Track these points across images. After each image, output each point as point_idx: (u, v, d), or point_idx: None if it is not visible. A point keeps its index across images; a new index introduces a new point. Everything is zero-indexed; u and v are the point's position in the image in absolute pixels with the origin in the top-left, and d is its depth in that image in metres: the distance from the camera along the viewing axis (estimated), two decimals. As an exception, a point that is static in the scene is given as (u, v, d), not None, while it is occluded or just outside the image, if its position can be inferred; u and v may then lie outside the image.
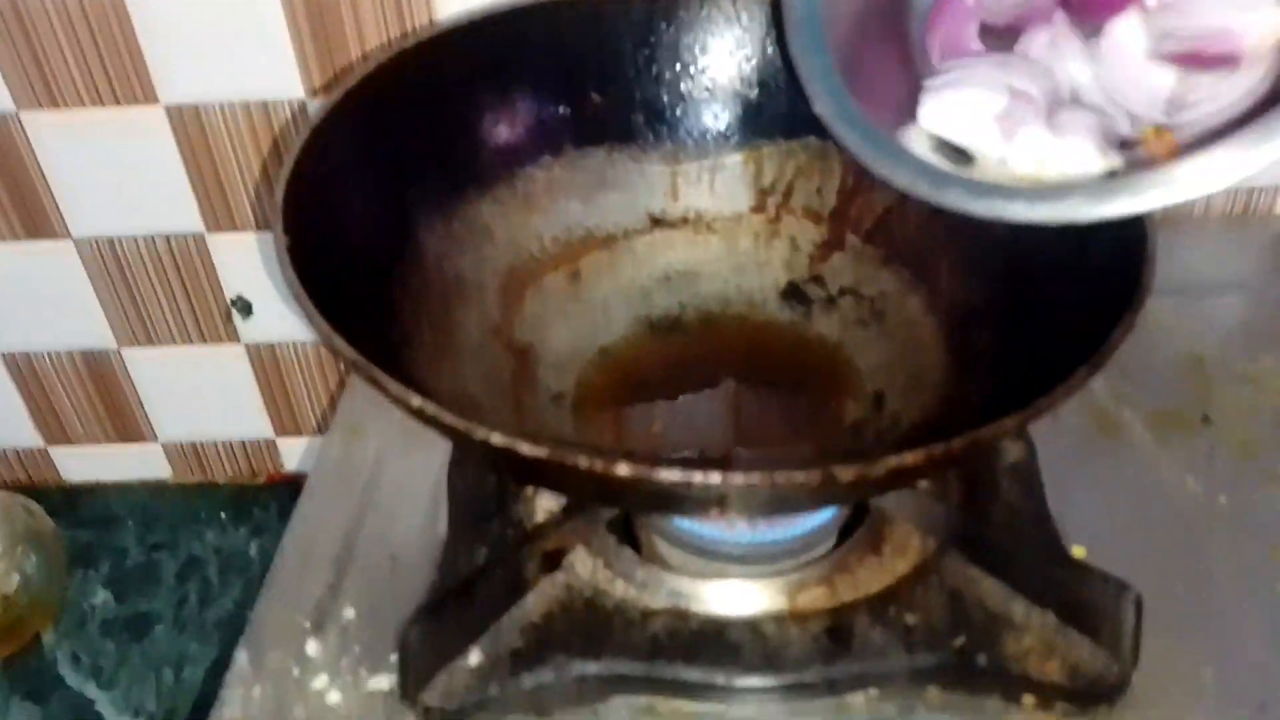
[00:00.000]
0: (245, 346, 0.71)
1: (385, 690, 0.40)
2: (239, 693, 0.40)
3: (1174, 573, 0.44)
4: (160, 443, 0.76)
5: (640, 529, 0.44)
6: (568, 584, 0.41)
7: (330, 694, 0.40)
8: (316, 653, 0.42)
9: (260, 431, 0.75)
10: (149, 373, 0.72)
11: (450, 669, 0.38)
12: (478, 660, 0.39)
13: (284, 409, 0.74)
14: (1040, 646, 0.39)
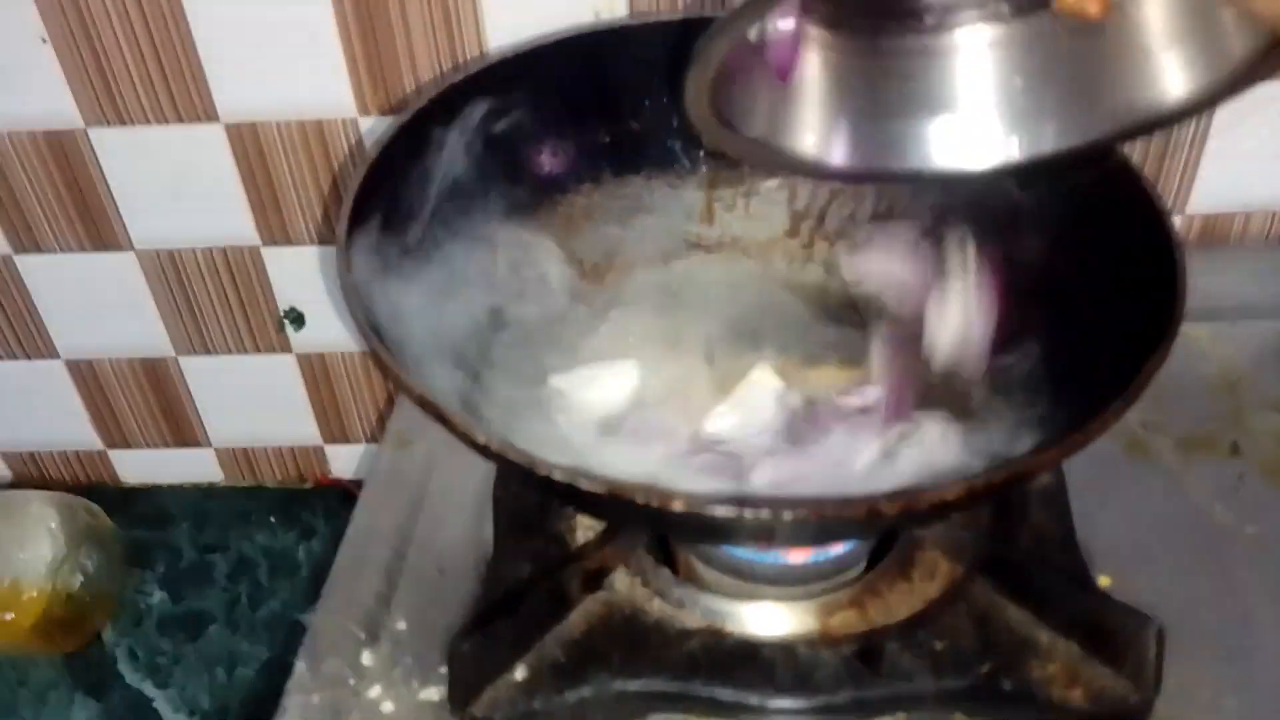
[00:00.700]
0: (296, 355, 0.73)
1: (435, 701, 0.42)
2: (299, 700, 0.42)
3: (1199, 600, 0.45)
4: (213, 447, 0.79)
5: (677, 550, 0.45)
6: (608, 602, 0.42)
7: (384, 704, 0.42)
8: (371, 663, 0.44)
9: (308, 437, 0.78)
10: (203, 379, 0.75)
11: (497, 683, 0.40)
12: (523, 675, 0.40)
13: (332, 416, 0.76)
14: (1064, 673, 0.40)
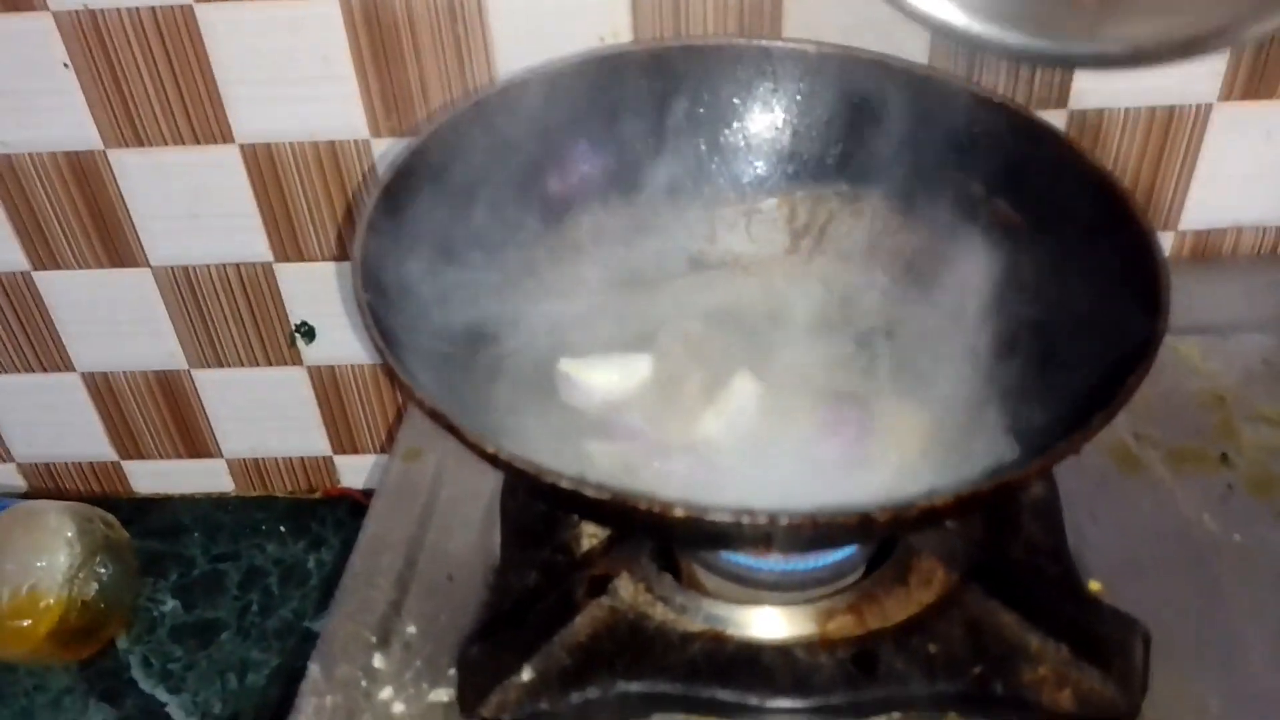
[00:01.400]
0: (307, 369, 0.75)
1: (445, 703, 0.44)
2: (312, 702, 0.44)
3: (1187, 607, 0.46)
4: (225, 458, 0.80)
5: (680, 558, 0.46)
6: (613, 607, 0.44)
7: (395, 705, 0.44)
8: (382, 665, 0.45)
9: (319, 449, 0.79)
10: (216, 392, 0.77)
11: (505, 685, 0.41)
12: (530, 677, 0.42)
13: (342, 428, 0.78)
14: (1054, 677, 0.41)
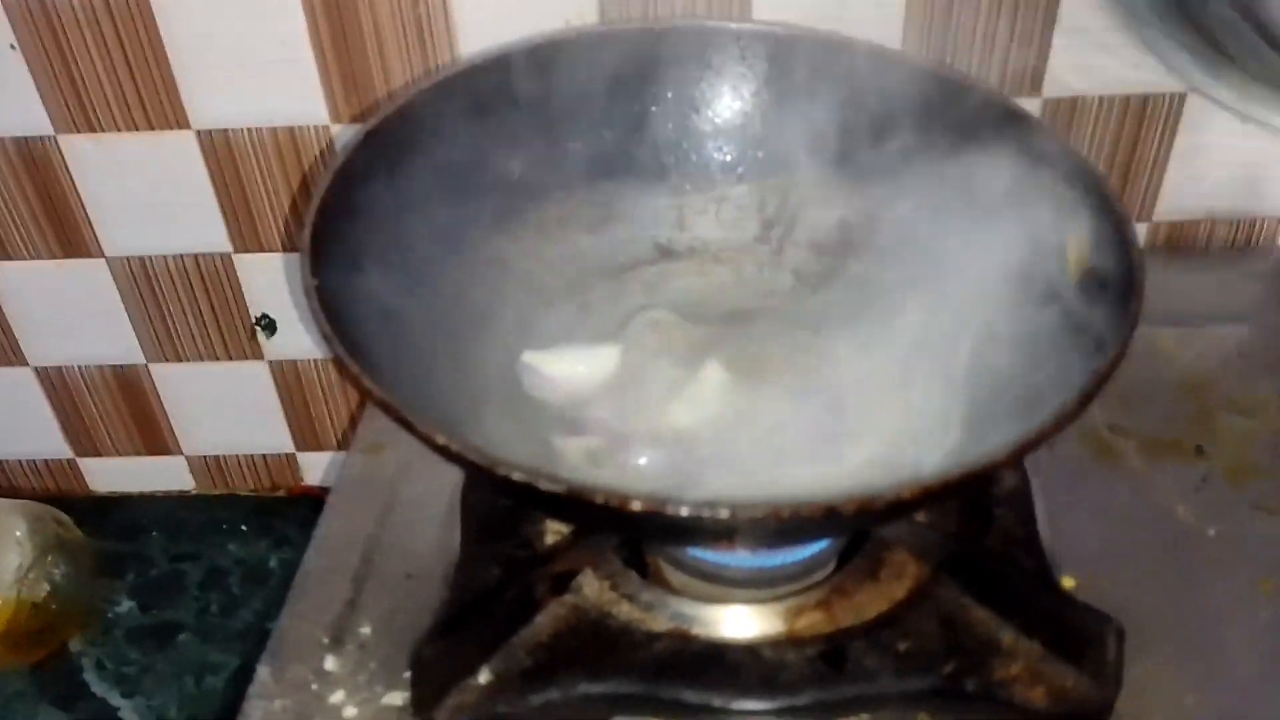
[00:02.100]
0: (268, 363, 0.73)
1: (399, 706, 0.42)
2: (260, 706, 0.42)
3: (1161, 600, 0.45)
4: (185, 455, 0.78)
5: (646, 554, 0.45)
6: (576, 605, 0.42)
7: (347, 709, 0.42)
8: (334, 668, 0.44)
9: (281, 445, 0.77)
10: (175, 387, 0.75)
11: (461, 687, 0.40)
12: (487, 679, 0.40)
13: (305, 424, 0.76)
14: (1027, 674, 0.40)
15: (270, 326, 0.71)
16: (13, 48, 0.60)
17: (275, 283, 0.69)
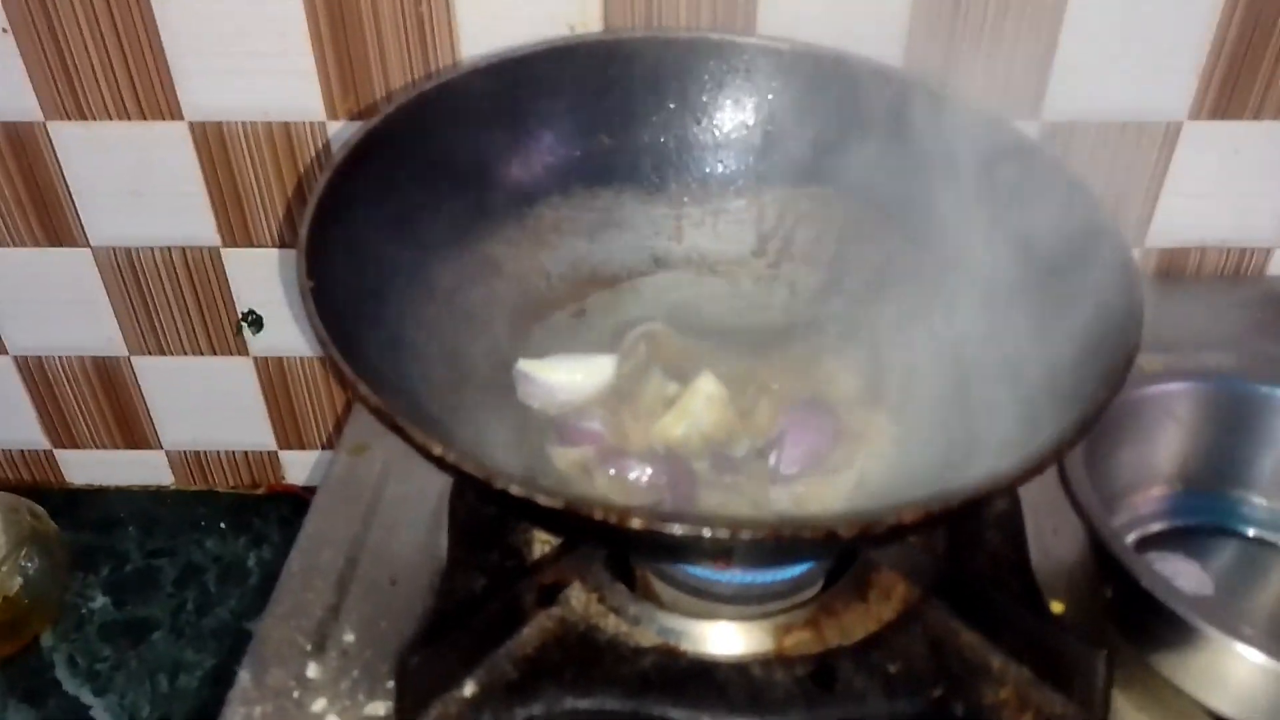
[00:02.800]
0: (253, 359, 0.72)
1: (381, 716, 0.41)
2: (240, 712, 0.41)
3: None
4: (164, 449, 0.77)
5: (635, 567, 0.45)
6: (563, 618, 0.42)
7: (329, 717, 0.41)
8: (316, 675, 0.43)
9: (263, 443, 0.76)
10: (157, 380, 0.74)
11: (445, 698, 0.39)
12: (472, 691, 0.40)
13: (288, 422, 0.75)
14: (1016, 699, 0.40)
15: (257, 323, 0.70)
16: (4, 31, 0.59)
17: (263, 278, 0.68)
